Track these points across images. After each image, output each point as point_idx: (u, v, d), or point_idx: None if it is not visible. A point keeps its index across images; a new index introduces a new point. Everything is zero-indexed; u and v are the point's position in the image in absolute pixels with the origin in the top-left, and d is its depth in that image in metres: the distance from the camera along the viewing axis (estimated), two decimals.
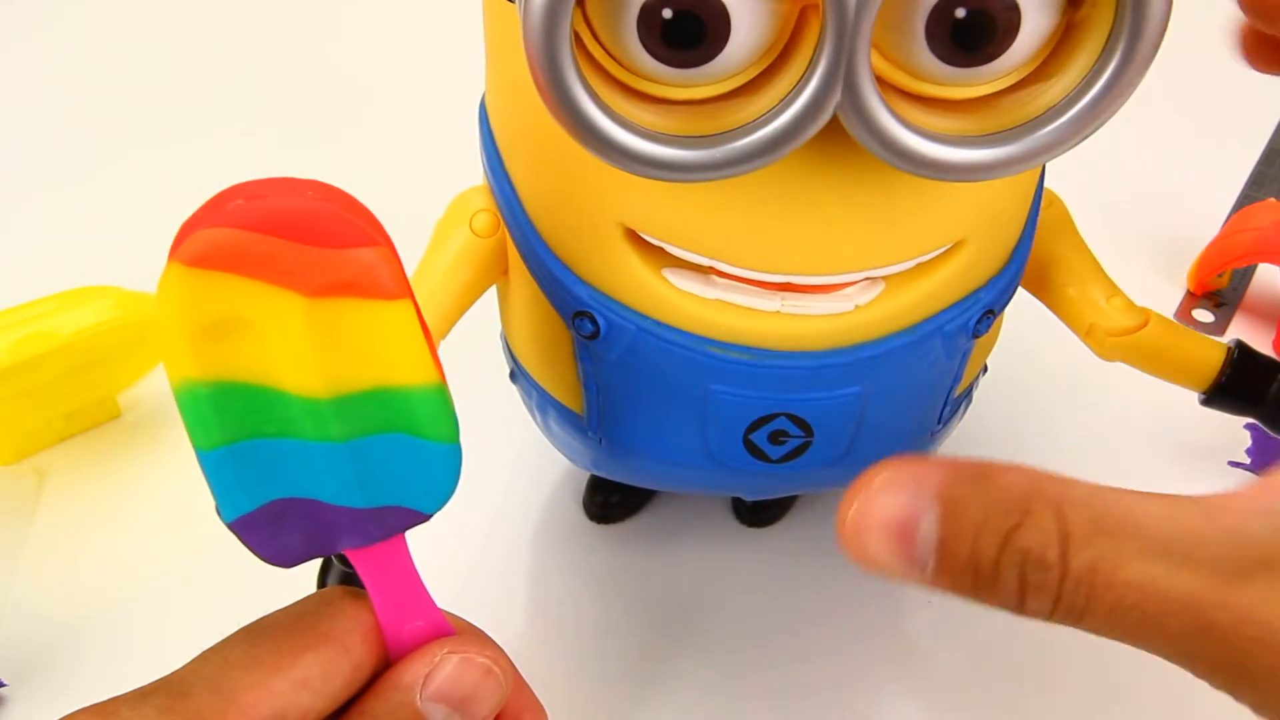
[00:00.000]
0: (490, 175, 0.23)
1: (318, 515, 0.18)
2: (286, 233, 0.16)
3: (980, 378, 0.27)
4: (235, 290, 0.16)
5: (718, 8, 0.16)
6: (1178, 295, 0.41)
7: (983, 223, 0.21)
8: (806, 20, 0.16)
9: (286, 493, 0.17)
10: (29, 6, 0.63)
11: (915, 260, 0.20)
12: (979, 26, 0.16)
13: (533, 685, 0.21)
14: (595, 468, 0.28)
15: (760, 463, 0.23)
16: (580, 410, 0.24)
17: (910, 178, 0.17)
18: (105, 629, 0.30)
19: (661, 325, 0.21)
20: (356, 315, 0.16)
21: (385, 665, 0.19)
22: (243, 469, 0.17)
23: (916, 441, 0.25)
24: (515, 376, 0.28)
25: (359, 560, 0.18)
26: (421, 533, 0.19)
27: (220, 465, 0.17)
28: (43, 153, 0.51)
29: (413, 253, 0.22)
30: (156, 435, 0.36)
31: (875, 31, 0.15)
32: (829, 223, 0.19)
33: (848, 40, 0.15)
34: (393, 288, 0.16)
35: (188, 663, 0.17)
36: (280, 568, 0.18)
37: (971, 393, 0.26)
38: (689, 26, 0.16)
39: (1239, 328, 0.40)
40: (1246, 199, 0.46)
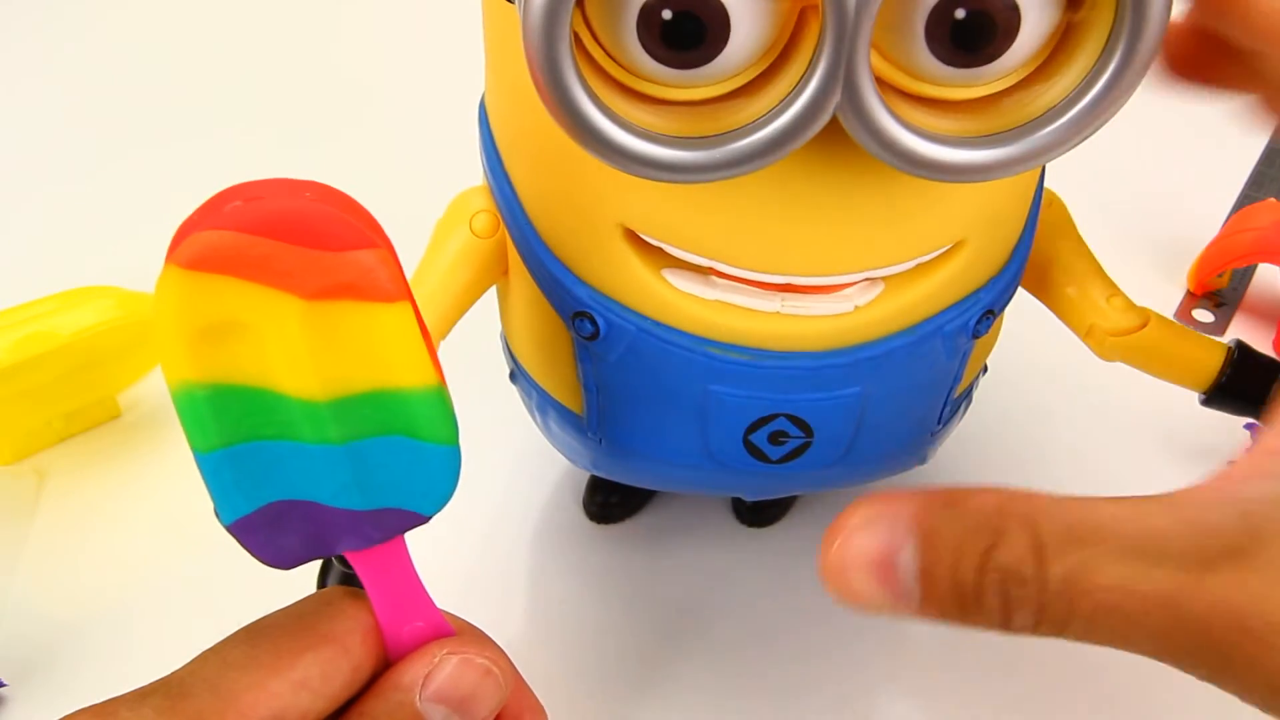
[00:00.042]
0: (490, 175, 0.23)
1: (316, 517, 0.18)
2: (284, 235, 0.15)
3: (980, 378, 0.27)
4: (233, 293, 0.16)
5: (717, 9, 0.16)
6: (1178, 295, 0.41)
7: (982, 223, 0.21)
8: (806, 21, 0.16)
9: (285, 495, 0.17)
10: (29, 6, 0.63)
11: (915, 261, 0.20)
12: (979, 27, 0.16)
13: (533, 685, 0.21)
14: (595, 468, 0.28)
15: (760, 463, 0.23)
16: (580, 411, 0.24)
17: (910, 178, 0.17)
18: (105, 629, 0.30)
19: (661, 326, 0.21)
20: (355, 317, 0.16)
21: (385, 666, 0.19)
22: (241, 471, 0.17)
23: (916, 442, 0.25)
24: (515, 377, 0.28)
25: (358, 562, 0.18)
26: (421, 533, 0.19)
27: (218, 467, 0.17)
28: (43, 153, 0.51)
29: (412, 253, 0.22)
30: (156, 435, 0.36)
31: (875, 32, 0.15)
32: (829, 223, 0.19)
33: (847, 41, 0.15)
34: (391, 290, 0.16)
35: (187, 663, 0.17)
36: (279, 569, 0.18)
37: (971, 393, 0.26)
38: (689, 27, 0.16)
39: (1239, 328, 0.40)
40: (1246, 199, 0.46)
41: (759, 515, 0.32)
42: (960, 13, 0.16)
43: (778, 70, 0.17)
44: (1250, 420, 0.26)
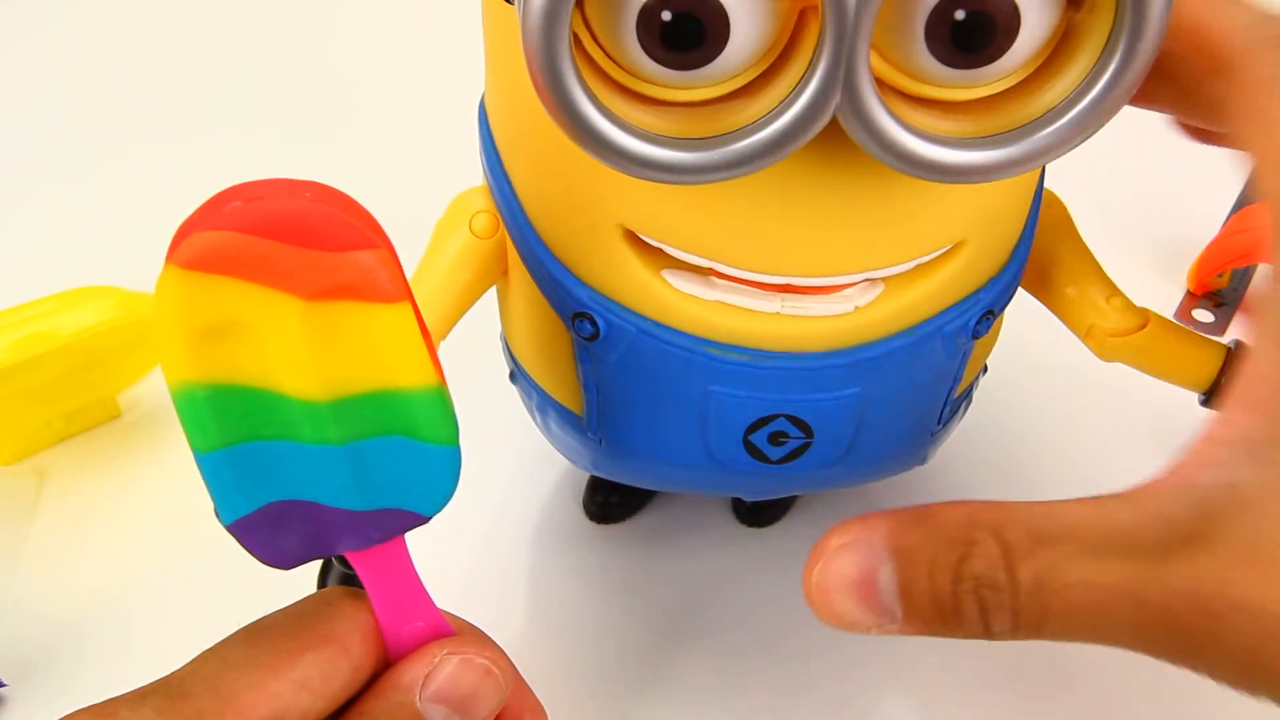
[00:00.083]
0: (490, 176, 0.23)
1: (316, 517, 0.18)
2: (284, 235, 0.15)
3: (980, 378, 0.27)
4: (232, 293, 0.16)
5: (717, 10, 0.16)
6: (1178, 295, 0.41)
7: (982, 224, 0.21)
8: (806, 22, 0.16)
9: (285, 495, 0.17)
10: (29, 6, 0.63)
11: (915, 261, 0.20)
12: (979, 28, 0.16)
13: (533, 685, 0.21)
14: (595, 468, 0.28)
15: (760, 463, 0.23)
16: (580, 411, 0.24)
17: (910, 179, 0.17)
18: (105, 629, 0.30)
19: (661, 326, 0.21)
20: (355, 318, 0.16)
21: (385, 666, 0.19)
22: (241, 471, 0.17)
23: (916, 442, 0.25)
24: (515, 377, 0.28)
25: (358, 562, 0.18)
26: (421, 533, 0.19)
27: (218, 467, 0.17)
28: (43, 153, 0.51)
29: (412, 253, 0.22)
30: (156, 435, 0.36)
31: (875, 33, 0.15)
32: (828, 224, 0.19)
33: (847, 42, 0.15)
34: (391, 290, 0.16)
35: (187, 663, 0.17)
36: (279, 569, 0.18)
37: (971, 393, 0.26)
38: (688, 28, 0.16)
39: (1239, 328, 0.40)
40: (1246, 199, 0.46)
41: (759, 515, 0.32)
42: (960, 13, 0.16)
43: (777, 71, 0.17)
44: None
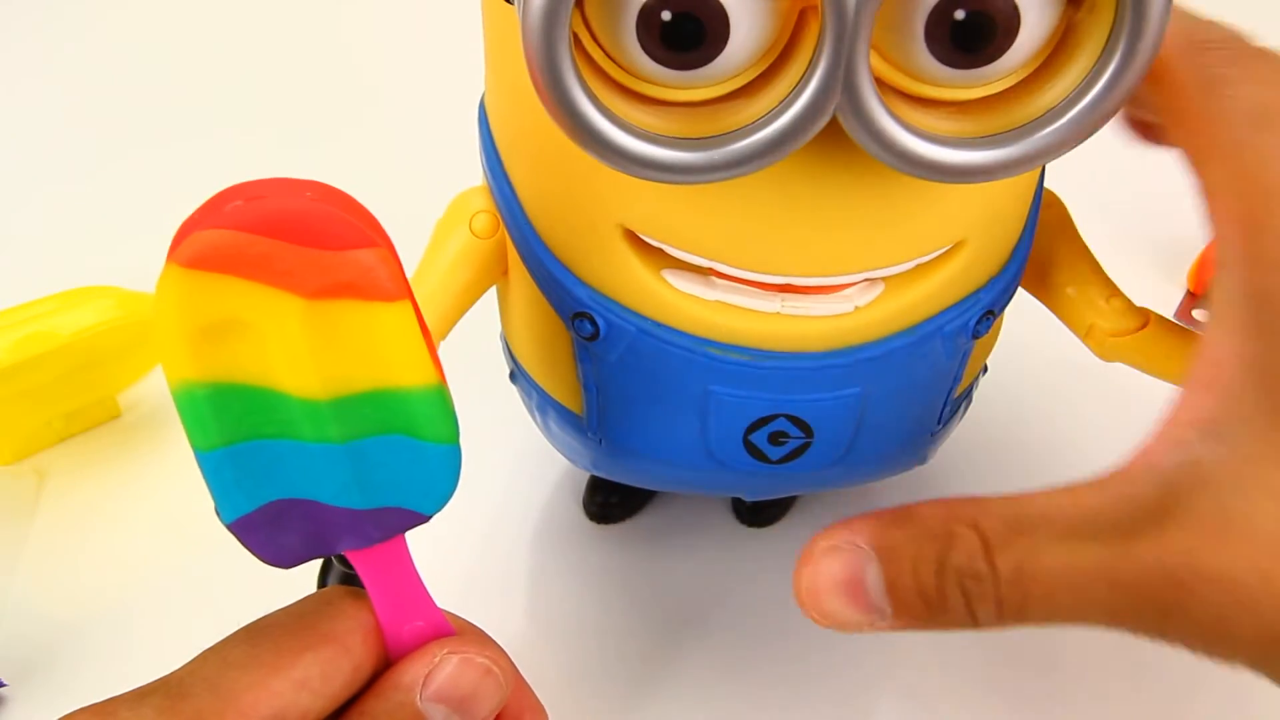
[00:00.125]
0: (490, 176, 0.23)
1: (317, 516, 0.18)
2: (285, 234, 0.15)
3: (980, 378, 0.27)
4: (233, 292, 0.16)
5: (717, 9, 0.16)
6: (1178, 295, 0.41)
7: (982, 223, 0.21)
8: (806, 22, 0.16)
9: (285, 494, 0.17)
10: (29, 6, 0.63)
11: (915, 261, 0.20)
12: (979, 28, 0.16)
13: (533, 685, 0.21)
14: (595, 468, 0.28)
15: (760, 463, 0.23)
16: (580, 411, 0.24)
17: (910, 179, 0.17)
18: (105, 629, 0.30)
19: (661, 326, 0.21)
20: (355, 317, 0.16)
21: (385, 665, 0.19)
22: (241, 470, 0.17)
23: (916, 442, 0.25)
24: (515, 377, 0.28)
25: (359, 561, 0.18)
26: (421, 533, 0.19)
27: (219, 466, 0.17)
28: (43, 153, 0.51)
29: (413, 253, 0.22)
30: (156, 435, 0.36)
31: (875, 33, 0.15)
32: (828, 224, 0.19)
33: (847, 42, 0.15)
34: (392, 289, 0.16)
35: (187, 663, 0.17)
36: (279, 568, 0.18)
37: (971, 393, 0.26)
38: (688, 28, 0.16)
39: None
40: None
41: (759, 515, 0.32)
42: (960, 13, 0.16)
43: (777, 71, 0.17)
44: None
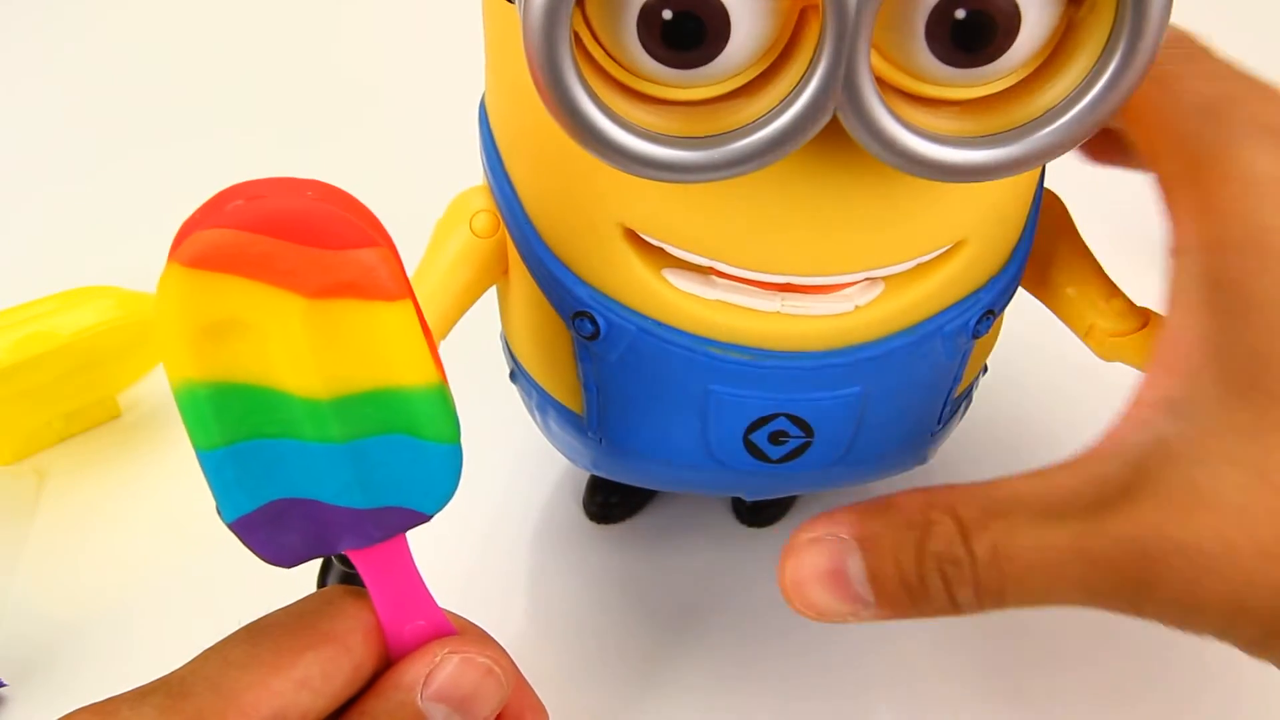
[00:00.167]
0: (490, 175, 0.23)
1: (318, 516, 0.18)
2: (286, 233, 0.16)
3: (980, 378, 0.27)
4: (234, 291, 0.16)
5: (718, 8, 0.16)
6: None
7: (983, 223, 0.21)
8: (806, 21, 0.16)
9: (286, 493, 0.17)
10: (29, 6, 0.63)
11: (915, 261, 0.20)
12: (979, 27, 0.16)
13: (533, 685, 0.21)
14: (595, 468, 0.28)
15: (760, 463, 0.23)
16: (580, 410, 0.24)
17: (910, 178, 0.17)
18: (105, 629, 0.30)
19: (662, 325, 0.21)
20: (356, 316, 0.16)
21: (386, 665, 0.19)
22: (243, 469, 0.17)
23: (917, 442, 0.25)
24: (515, 376, 0.28)
25: (360, 560, 0.18)
26: (422, 533, 0.19)
27: (220, 465, 0.17)
28: (43, 153, 0.51)
29: (413, 253, 0.22)
30: (156, 435, 0.36)
31: (875, 32, 0.15)
32: (829, 223, 0.19)
33: (848, 41, 0.15)
34: (393, 288, 0.16)
35: (187, 662, 0.17)
36: (280, 568, 0.18)
37: (971, 393, 0.26)
38: (689, 27, 0.16)
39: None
40: None
41: (759, 515, 0.32)
42: (960, 12, 0.16)
43: (778, 70, 0.17)
44: None
